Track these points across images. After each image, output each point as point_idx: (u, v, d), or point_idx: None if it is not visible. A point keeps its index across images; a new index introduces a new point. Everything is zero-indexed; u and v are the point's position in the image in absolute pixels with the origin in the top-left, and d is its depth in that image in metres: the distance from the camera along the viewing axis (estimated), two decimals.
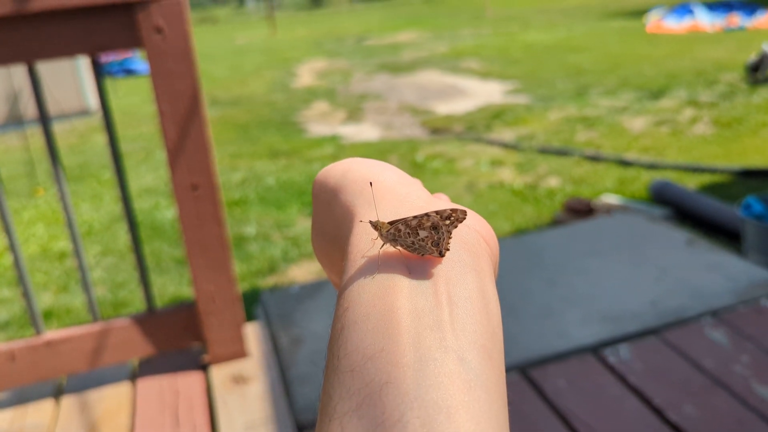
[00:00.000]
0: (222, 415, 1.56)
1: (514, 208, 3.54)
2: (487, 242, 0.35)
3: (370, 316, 0.29)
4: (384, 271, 0.32)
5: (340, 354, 0.28)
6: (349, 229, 0.36)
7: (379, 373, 0.26)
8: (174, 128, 1.50)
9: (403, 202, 0.36)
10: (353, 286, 0.31)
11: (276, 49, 11.68)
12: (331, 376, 0.28)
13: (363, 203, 0.36)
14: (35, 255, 3.36)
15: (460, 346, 0.27)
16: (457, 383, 0.26)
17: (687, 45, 8.40)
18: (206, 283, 1.64)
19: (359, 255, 0.33)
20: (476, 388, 0.26)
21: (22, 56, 1.43)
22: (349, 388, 0.27)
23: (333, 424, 0.26)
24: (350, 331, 0.29)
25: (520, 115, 5.61)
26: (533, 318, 1.89)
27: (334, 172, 0.40)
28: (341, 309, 0.31)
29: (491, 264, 0.34)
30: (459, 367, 0.27)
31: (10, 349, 1.60)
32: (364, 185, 0.37)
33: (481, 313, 0.30)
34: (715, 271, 2.06)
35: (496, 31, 11.56)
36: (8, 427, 1.57)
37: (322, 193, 0.40)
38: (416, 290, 0.30)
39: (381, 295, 0.30)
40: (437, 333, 0.28)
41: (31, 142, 5.18)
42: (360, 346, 0.28)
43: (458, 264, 0.32)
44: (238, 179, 4.42)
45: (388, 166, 0.39)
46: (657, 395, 1.53)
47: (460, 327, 0.28)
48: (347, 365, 0.28)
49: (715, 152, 4.19)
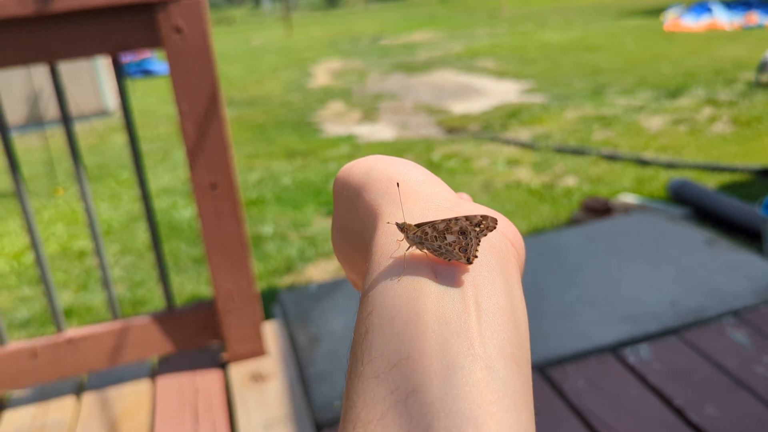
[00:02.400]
0: (241, 413, 1.57)
1: (530, 207, 3.52)
2: (514, 246, 0.35)
3: (395, 321, 0.28)
4: (410, 274, 0.31)
5: (365, 359, 0.28)
6: (373, 229, 0.35)
7: (405, 381, 0.26)
8: (193, 127, 1.51)
9: (428, 203, 0.35)
10: (378, 288, 0.30)
11: (292, 49, 11.72)
12: (355, 382, 0.28)
13: (387, 202, 0.36)
14: (55, 254, 3.40)
15: (488, 355, 0.27)
16: (485, 393, 0.25)
17: (705, 43, 8.32)
18: (225, 281, 1.65)
19: (384, 256, 0.32)
20: (504, 398, 0.25)
21: (43, 56, 1.44)
22: (374, 395, 0.26)
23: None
24: (375, 335, 0.28)
25: (537, 114, 5.59)
26: (552, 318, 1.88)
27: (357, 170, 0.39)
28: (365, 312, 0.30)
29: (518, 268, 0.34)
30: (487, 377, 0.26)
31: (32, 346, 1.62)
32: (389, 184, 0.36)
33: (509, 320, 0.29)
34: (735, 270, 2.04)
35: (511, 31, 11.52)
36: (30, 423, 1.59)
37: (344, 191, 0.39)
38: (443, 295, 0.29)
39: (407, 299, 0.29)
40: (465, 340, 0.27)
41: (51, 142, 5.24)
42: (385, 351, 0.27)
43: (486, 269, 0.31)
44: (254, 179, 4.44)
45: (412, 165, 0.38)
46: (678, 396, 1.52)
47: (488, 335, 0.28)
48: (372, 371, 0.27)
49: (734, 151, 4.15)
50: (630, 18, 11.73)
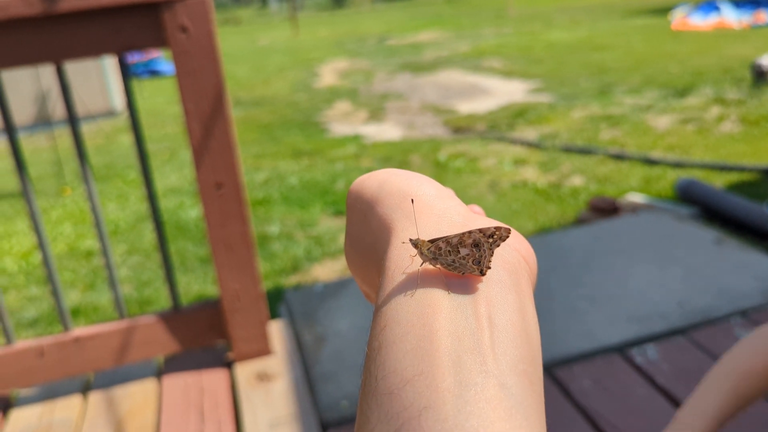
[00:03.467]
0: (246, 412, 1.57)
1: (537, 207, 3.51)
2: (527, 261, 0.35)
3: (408, 336, 0.28)
4: (423, 289, 0.31)
5: (378, 375, 0.28)
6: (386, 243, 0.35)
7: (418, 398, 0.26)
8: (199, 127, 1.51)
9: (441, 218, 0.35)
10: (391, 303, 0.31)
11: (298, 49, 11.73)
12: (369, 397, 0.28)
13: (401, 217, 0.36)
14: (63, 253, 3.41)
15: (501, 371, 0.27)
16: (498, 410, 0.25)
17: (713, 42, 8.28)
18: (231, 281, 1.66)
19: (398, 271, 0.33)
20: (517, 416, 0.25)
21: (50, 56, 1.45)
22: (387, 411, 0.26)
23: None
24: (388, 351, 0.28)
25: (543, 113, 5.57)
26: (558, 318, 1.87)
27: (370, 183, 0.40)
28: (378, 327, 0.30)
29: (531, 284, 0.34)
30: (500, 393, 0.26)
31: (39, 345, 1.63)
32: (402, 198, 0.37)
33: (522, 336, 0.29)
34: (744, 270, 2.03)
35: (518, 30, 11.50)
36: (37, 422, 1.60)
37: (357, 204, 0.40)
38: (456, 311, 0.29)
39: (420, 315, 0.29)
40: (478, 357, 0.27)
41: (58, 142, 5.26)
42: (398, 368, 0.27)
43: (498, 284, 0.31)
44: (261, 179, 4.45)
45: (424, 179, 0.39)
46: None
47: (501, 351, 0.28)
48: (385, 387, 0.27)
49: (742, 150, 4.12)
50: (637, 17, 11.68)
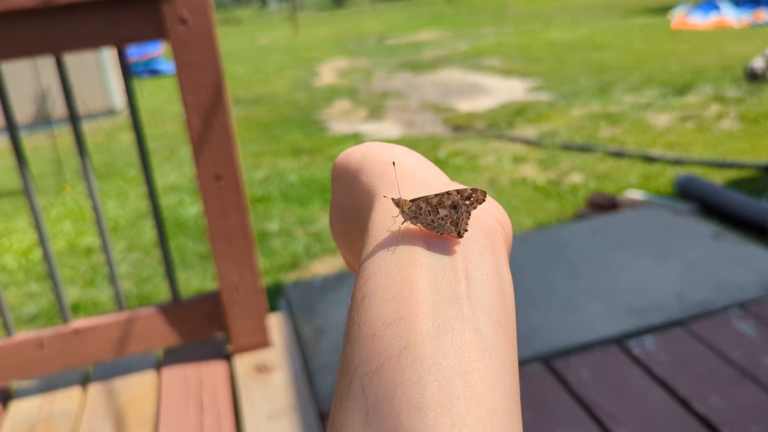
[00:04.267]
0: (246, 404, 1.58)
1: (536, 203, 3.52)
2: (502, 226, 0.36)
3: (390, 287, 0.30)
4: (404, 246, 0.33)
5: (361, 321, 0.29)
6: (369, 208, 0.37)
7: (398, 339, 0.27)
8: (198, 119, 1.51)
9: (423, 184, 0.37)
10: (374, 259, 0.32)
11: (298, 48, 11.74)
12: (352, 341, 0.29)
13: (384, 184, 0.37)
14: (63, 251, 3.42)
15: (476, 318, 0.28)
16: (473, 352, 0.27)
17: (713, 41, 8.28)
18: (230, 273, 1.66)
19: (381, 230, 0.34)
20: (491, 358, 0.27)
21: (50, 48, 1.45)
22: (369, 351, 0.28)
23: (354, 384, 0.27)
24: (371, 300, 0.30)
25: (543, 112, 5.58)
26: (556, 310, 1.88)
27: (354, 155, 0.41)
28: (362, 280, 0.32)
29: (506, 247, 0.35)
30: (475, 337, 0.27)
31: (39, 337, 1.63)
32: (386, 167, 0.38)
33: (497, 290, 0.30)
34: (742, 263, 2.03)
35: (518, 30, 11.50)
36: (37, 413, 1.60)
37: (342, 174, 0.41)
38: (435, 265, 0.31)
39: (401, 268, 0.31)
40: (454, 305, 0.29)
41: (58, 141, 5.26)
42: (380, 314, 0.29)
43: (475, 243, 0.33)
44: (260, 176, 4.45)
45: (407, 150, 0.40)
46: (683, 386, 1.51)
47: (476, 301, 0.29)
48: (367, 331, 0.28)
49: (741, 148, 4.13)
50: (637, 16, 11.69)
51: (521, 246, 2.34)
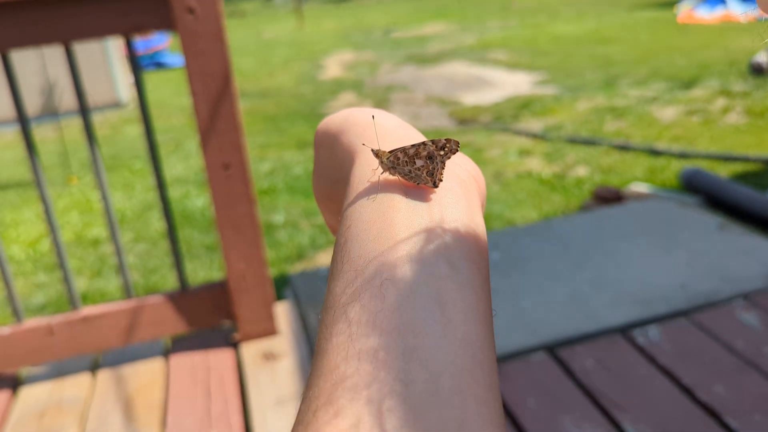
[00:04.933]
0: (252, 390, 1.59)
1: (542, 196, 3.52)
2: (476, 180, 0.38)
3: (370, 230, 0.32)
4: (383, 194, 0.35)
5: (344, 260, 0.31)
6: (351, 165, 0.39)
7: (379, 272, 0.29)
8: (206, 108, 1.53)
9: (402, 141, 0.38)
10: (355, 206, 0.34)
11: (303, 41, 11.73)
12: (336, 277, 0.31)
13: (364, 142, 0.39)
14: (70, 241, 3.44)
15: (452, 255, 0.30)
16: (448, 282, 0.29)
17: (719, 35, 8.25)
18: (237, 261, 1.67)
19: (362, 182, 0.36)
20: (465, 289, 0.29)
21: (58, 37, 1.47)
22: (352, 283, 0.29)
23: (338, 312, 0.29)
24: (353, 242, 0.32)
25: (548, 105, 5.57)
26: (561, 300, 1.89)
27: (335, 119, 0.43)
28: (344, 227, 0.34)
29: (479, 199, 0.37)
30: (451, 271, 0.29)
31: (49, 323, 1.65)
32: (366, 127, 0.40)
33: (470, 234, 0.32)
34: (747, 255, 2.03)
35: (523, 23, 11.47)
36: (47, 399, 1.62)
37: (324, 139, 0.43)
38: (413, 210, 0.33)
39: (380, 213, 0.33)
40: (431, 243, 0.30)
41: (65, 133, 5.28)
42: (362, 252, 0.31)
43: (450, 192, 0.35)
44: (266, 169, 4.47)
45: (386, 113, 0.42)
46: (686, 375, 1.52)
47: (451, 242, 0.31)
48: (350, 267, 0.31)
49: (747, 141, 4.12)
50: (643, 10, 11.64)
51: (527, 237, 2.35)
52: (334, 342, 0.27)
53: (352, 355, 0.26)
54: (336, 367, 0.26)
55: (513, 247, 2.26)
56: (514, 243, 2.29)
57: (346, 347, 0.27)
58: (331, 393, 0.25)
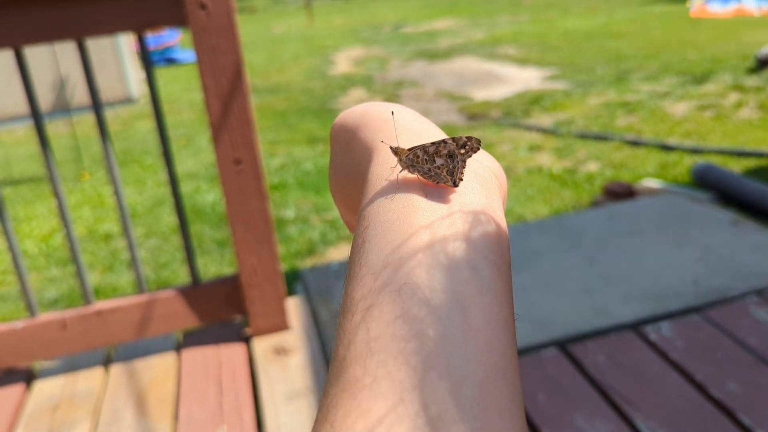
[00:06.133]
0: (264, 385, 1.60)
1: (552, 192, 3.51)
2: (497, 178, 0.37)
3: (389, 231, 0.31)
4: (402, 193, 0.34)
5: (362, 262, 0.31)
6: (369, 161, 0.38)
7: (398, 276, 0.28)
8: (218, 103, 1.53)
9: (420, 137, 0.38)
10: (373, 206, 0.34)
11: (313, 37, 11.73)
12: (353, 281, 0.30)
13: (383, 138, 0.38)
14: (82, 236, 3.46)
15: (473, 258, 0.29)
16: (470, 287, 0.28)
17: (732, 29, 8.18)
18: (249, 256, 1.68)
19: (380, 180, 0.35)
20: (487, 293, 0.28)
21: (70, 33, 1.47)
22: (371, 288, 0.29)
23: (356, 318, 0.28)
24: (371, 244, 0.31)
25: (559, 100, 5.55)
26: (573, 295, 1.88)
27: (353, 114, 0.42)
28: (362, 227, 0.33)
29: (501, 197, 0.36)
30: (472, 274, 0.29)
31: (62, 318, 1.66)
32: (384, 123, 0.39)
33: (492, 234, 0.31)
34: (760, 251, 2.02)
35: (534, 18, 11.42)
36: (60, 392, 1.64)
37: (341, 134, 0.42)
38: (432, 210, 0.32)
39: (399, 213, 0.32)
40: (451, 245, 0.30)
41: (76, 128, 5.31)
42: (380, 255, 0.30)
43: (471, 191, 0.34)
44: (276, 164, 4.47)
45: (403, 107, 0.42)
46: (699, 372, 1.52)
47: (472, 243, 0.30)
48: (368, 270, 0.30)
49: (761, 136, 4.09)
50: (655, 4, 11.56)
51: (538, 232, 2.34)
52: (353, 351, 0.27)
53: (370, 365, 0.26)
54: (354, 377, 0.26)
55: (524, 242, 2.25)
56: (525, 238, 2.28)
57: (365, 356, 0.26)
58: (348, 404, 0.25)
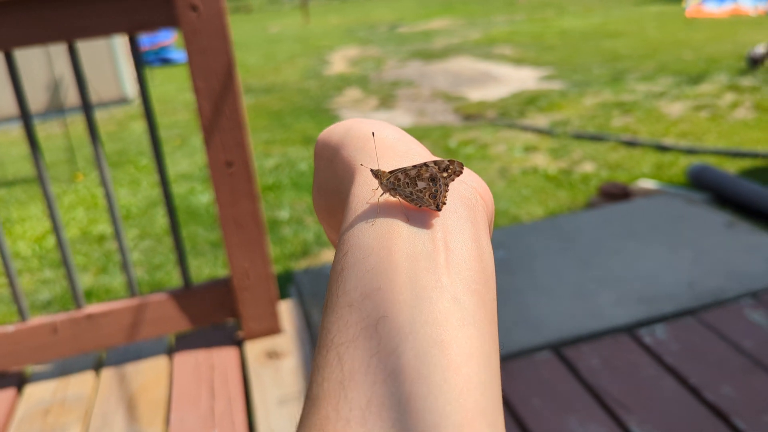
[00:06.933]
0: (256, 389, 1.59)
1: (547, 193, 3.50)
2: (483, 199, 0.36)
3: (368, 259, 0.30)
4: (383, 218, 0.32)
5: (339, 292, 0.29)
6: (350, 182, 0.37)
7: (376, 309, 0.27)
8: (209, 105, 1.52)
9: (403, 158, 0.37)
10: (353, 230, 0.32)
11: (309, 37, 11.71)
12: (330, 312, 0.29)
13: (364, 158, 0.37)
14: (75, 238, 3.44)
15: (455, 288, 0.28)
16: (451, 320, 0.27)
17: (728, 29, 8.19)
18: (241, 259, 1.67)
19: (361, 203, 0.34)
20: (469, 327, 0.27)
21: (62, 35, 1.46)
22: (347, 321, 0.27)
23: (330, 354, 0.27)
24: (349, 272, 0.30)
25: (555, 100, 5.54)
26: (566, 298, 1.87)
27: (336, 131, 0.41)
28: (341, 253, 0.32)
29: (486, 219, 0.35)
30: (453, 306, 0.27)
31: (53, 321, 1.65)
32: (366, 141, 0.38)
33: (476, 260, 0.30)
34: (755, 252, 2.02)
35: (530, 18, 11.42)
36: (51, 397, 1.62)
37: (324, 151, 0.41)
38: (414, 236, 0.31)
39: (380, 239, 0.31)
40: (433, 275, 0.28)
41: (70, 129, 5.29)
42: (358, 285, 0.29)
43: (455, 215, 0.33)
44: (271, 165, 4.46)
45: (388, 125, 0.40)
46: (694, 375, 1.51)
47: (455, 271, 0.29)
48: (345, 302, 0.28)
49: (756, 137, 4.09)
50: (651, 4, 11.57)
51: (531, 234, 2.33)
52: (325, 389, 0.26)
53: (343, 407, 0.25)
54: (326, 418, 0.25)
55: (518, 244, 2.24)
56: (520, 240, 2.28)
57: (338, 397, 0.25)
58: None
